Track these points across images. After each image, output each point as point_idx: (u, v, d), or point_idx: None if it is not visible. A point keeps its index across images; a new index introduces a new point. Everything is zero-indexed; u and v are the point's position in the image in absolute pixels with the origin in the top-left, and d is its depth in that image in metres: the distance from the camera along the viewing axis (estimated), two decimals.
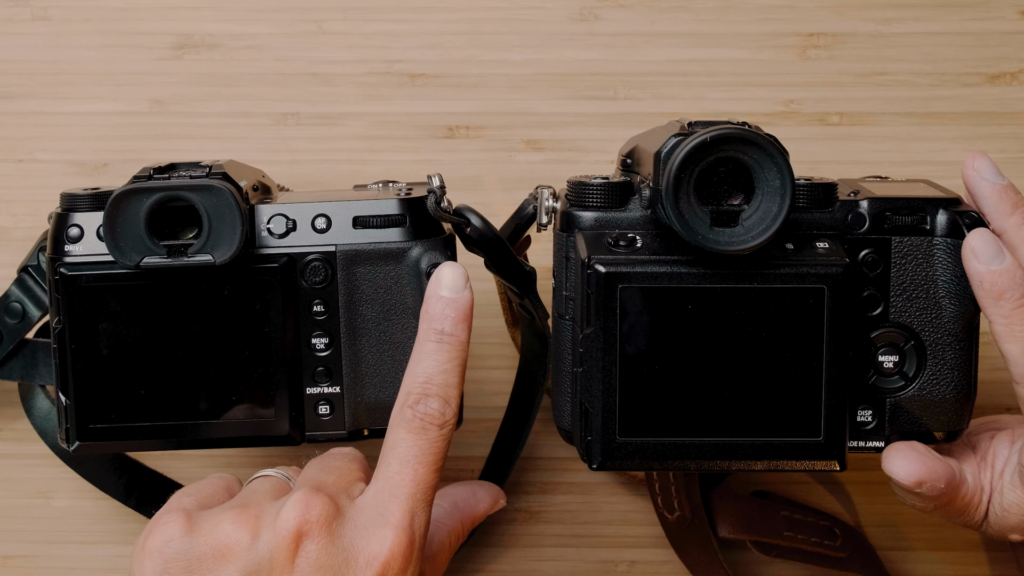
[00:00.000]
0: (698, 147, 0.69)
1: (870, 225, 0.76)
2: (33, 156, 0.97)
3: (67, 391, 0.77)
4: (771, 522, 0.95)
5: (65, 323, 0.76)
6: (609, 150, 0.94)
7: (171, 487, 0.97)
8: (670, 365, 0.72)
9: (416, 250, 0.78)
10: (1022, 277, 0.74)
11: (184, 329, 0.77)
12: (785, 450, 0.73)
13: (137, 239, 0.74)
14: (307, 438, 0.79)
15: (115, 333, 0.76)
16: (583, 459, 0.74)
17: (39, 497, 1.00)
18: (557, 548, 1.00)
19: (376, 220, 0.78)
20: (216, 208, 0.74)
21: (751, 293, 0.72)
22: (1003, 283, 0.73)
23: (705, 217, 0.70)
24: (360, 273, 0.78)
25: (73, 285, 0.76)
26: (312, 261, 0.77)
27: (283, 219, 0.77)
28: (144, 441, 0.78)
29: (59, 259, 0.77)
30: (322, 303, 0.78)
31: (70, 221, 0.77)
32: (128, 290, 0.76)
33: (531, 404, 0.92)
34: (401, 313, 0.79)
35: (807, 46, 0.95)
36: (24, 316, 0.88)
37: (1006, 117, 0.95)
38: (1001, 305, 0.73)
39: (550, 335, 0.82)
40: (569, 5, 0.95)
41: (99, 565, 1.00)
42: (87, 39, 0.96)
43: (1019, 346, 0.74)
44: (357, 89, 0.96)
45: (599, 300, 0.71)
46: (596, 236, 0.74)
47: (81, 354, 0.76)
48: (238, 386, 0.77)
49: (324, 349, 0.78)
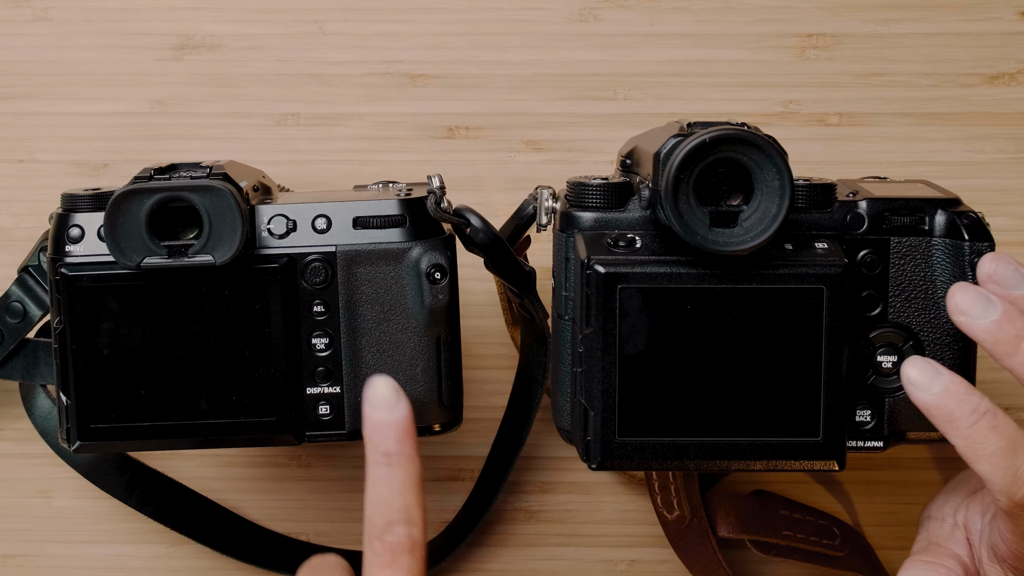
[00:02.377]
0: (697, 148, 0.69)
1: (869, 225, 0.76)
2: (34, 156, 0.97)
3: (68, 391, 0.77)
4: (770, 521, 0.95)
5: (66, 323, 0.76)
6: (609, 150, 0.94)
7: (172, 486, 0.97)
8: (669, 365, 0.72)
9: (416, 250, 0.78)
10: (966, 391, 0.70)
11: (184, 329, 0.77)
12: (784, 450, 0.73)
13: (138, 239, 0.74)
14: (307, 438, 0.79)
15: (116, 333, 0.76)
16: (583, 459, 0.74)
17: (40, 496, 1.00)
18: (556, 547, 1.00)
19: (376, 220, 0.78)
20: (216, 209, 0.74)
21: (750, 293, 0.72)
22: (949, 404, 0.70)
23: (704, 218, 0.70)
24: (360, 273, 0.78)
25: (74, 285, 0.76)
26: (312, 261, 0.78)
27: (283, 219, 0.78)
28: (145, 441, 0.78)
29: (60, 259, 0.77)
30: (322, 303, 0.78)
31: (71, 222, 0.77)
32: (129, 290, 0.76)
33: (530, 404, 0.92)
34: (401, 313, 0.79)
35: (806, 47, 0.95)
36: (25, 316, 0.88)
37: (1004, 118, 0.95)
38: (956, 427, 0.70)
39: (549, 335, 0.82)
40: (569, 6, 0.95)
41: (100, 564, 1.00)
42: (88, 40, 0.96)
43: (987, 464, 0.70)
44: (357, 90, 0.96)
45: (598, 300, 0.71)
46: (595, 236, 0.74)
47: (82, 354, 0.77)
48: (238, 386, 0.77)
49: (324, 349, 0.79)
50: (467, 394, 0.84)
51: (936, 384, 0.70)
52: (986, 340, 0.71)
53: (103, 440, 0.78)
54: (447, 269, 0.78)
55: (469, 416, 0.85)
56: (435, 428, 0.81)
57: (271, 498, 1.00)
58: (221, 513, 0.99)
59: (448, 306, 0.79)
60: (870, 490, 0.99)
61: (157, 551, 1.00)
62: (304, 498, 1.00)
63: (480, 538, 0.99)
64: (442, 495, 0.99)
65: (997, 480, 0.70)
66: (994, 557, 0.76)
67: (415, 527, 0.69)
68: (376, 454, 0.71)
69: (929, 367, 0.71)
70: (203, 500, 0.98)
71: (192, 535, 0.97)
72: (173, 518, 0.96)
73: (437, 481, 0.99)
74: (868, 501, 0.99)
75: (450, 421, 0.82)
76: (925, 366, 0.71)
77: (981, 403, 0.70)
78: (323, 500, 1.00)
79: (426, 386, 0.80)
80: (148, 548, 1.00)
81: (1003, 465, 0.69)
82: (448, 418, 0.81)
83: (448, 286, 0.78)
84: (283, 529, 0.99)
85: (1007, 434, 0.69)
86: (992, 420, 0.69)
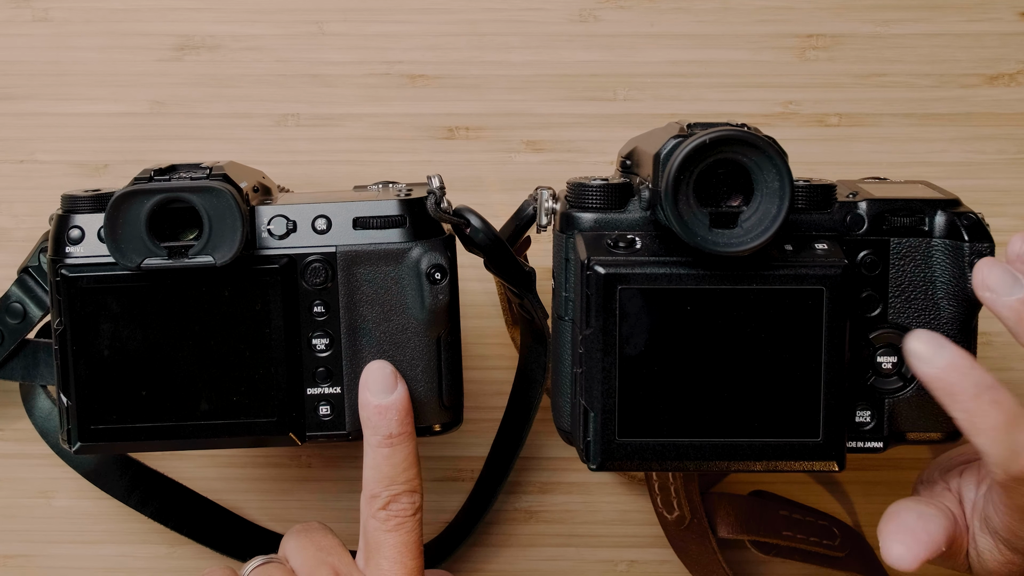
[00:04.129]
0: (697, 149, 0.69)
1: (869, 226, 0.76)
2: (34, 157, 0.97)
3: (68, 392, 0.77)
4: (770, 522, 0.95)
5: (66, 324, 0.76)
6: (608, 151, 0.95)
7: (172, 487, 0.97)
8: (669, 366, 0.72)
9: (416, 251, 0.78)
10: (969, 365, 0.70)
11: (185, 330, 0.77)
12: (784, 450, 0.73)
13: (138, 240, 0.74)
14: (308, 438, 0.79)
15: (116, 334, 0.76)
16: (583, 460, 0.74)
17: (40, 497, 1.00)
18: (556, 548, 1.00)
19: (376, 221, 0.78)
20: (217, 210, 0.74)
21: (750, 294, 0.72)
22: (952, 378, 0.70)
23: (704, 218, 0.70)
24: (360, 274, 0.78)
25: (74, 286, 0.76)
26: (312, 262, 0.78)
27: (283, 220, 0.78)
28: (145, 442, 0.78)
29: (60, 261, 0.77)
30: (322, 304, 0.78)
31: (71, 223, 0.77)
32: (129, 291, 0.76)
33: (530, 404, 0.92)
34: (401, 314, 0.79)
35: (806, 47, 0.95)
36: (25, 316, 0.88)
37: (1005, 118, 0.95)
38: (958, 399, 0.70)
39: (549, 335, 0.82)
40: (569, 6, 0.95)
41: (100, 565, 1.00)
42: (88, 40, 0.96)
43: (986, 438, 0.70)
44: (357, 90, 0.96)
45: (598, 301, 0.71)
46: (595, 237, 0.74)
47: (82, 355, 0.77)
48: (239, 387, 0.78)
49: (325, 350, 0.79)
50: (467, 394, 0.84)
51: (940, 357, 0.70)
52: (1010, 318, 0.71)
53: (104, 441, 0.78)
54: (447, 269, 0.78)
55: (469, 416, 0.85)
56: (435, 428, 0.81)
57: (271, 498, 1.00)
58: (221, 513, 0.99)
59: (448, 306, 0.79)
60: (870, 491, 0.99)
61: (157, 551, 1.00)
62: (304, 498, 1.00)
63: (480, 538, 0.99)
64: (442, 495, 0.99)
65: (995, 453, 0.70)
66: (986, 528, 0.76)
67: (417, 493, 0.77)
68: (378, 438, 0.75)
69: (933, 340, 0.71)
70: (203, 500, 0.98)
71: (192, 535, 0.97)
72: (173, 518, 0.97)
73: (437, 481, 0.99)
74: (868, 502, 0.99)
75: (450, 421, 0.82)
76: (930, 339, 0.71)
77: (984, 377, 0.70)
78: (323, 500, 1.00)
79: (426, 386, 0.80)
80: (148, 548, 1.00)
81: (1002, 439, 0.70)
82: (448, 418, 0.81)
83: (448, 286, 0.78)
84: (283, 529, 0.99)
85: (1008, 409, 0.70)
86: (994, 395, 0.70)
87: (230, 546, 0.98)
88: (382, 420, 0.76)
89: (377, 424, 0.76)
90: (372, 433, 0.76)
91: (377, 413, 0.76)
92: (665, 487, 0.93)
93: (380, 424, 0.76)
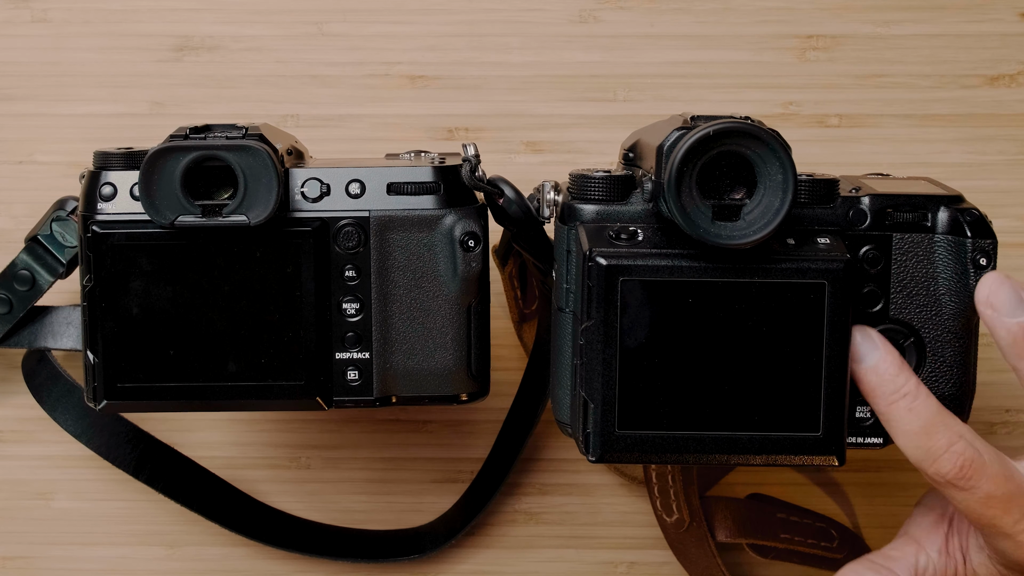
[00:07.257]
0: (701, 141, 0.69)
1: (871, 221, 0.76)
2: (33, 158, 0.97)
3: (96, 349, 0.77)
4: (768, 525, 0.95)
5: (96, 281, 0.76)
6: (609, 152, 0.95)
7: (184, 463, 0.97)
8: (670, 358, 0.72)
9: (449, 218, 0.78)
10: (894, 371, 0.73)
11: (215, 290, 0.76)
12: (784, 444, 0.73)
13: (172, 197, 0.74)
14: (335, 403, 0.79)
15: (146, 292, 0.76)
16: (582, 451, 0.74)
17: (39, 498, 1.00)
18: (556, 549, 1.00)
19: (410, 187, 0.78)
20: (253, 169, 0.74)
21: (752, 287, 0.72)
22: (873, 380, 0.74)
23: (707, 211, 0.70)
24: (393, 239, 0.78)
25: (105, 243, 0.75)
26: (345, 226, 0.77)
27: (317, 183, 0.77)
28: (171, 402, 0.77)
29: (91, 216, 0.76)
30: (354, 268, 0.78)
31: (103, 179, 0.77)
32: (160, 249, 0.76)
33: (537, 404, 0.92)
34: (433, 280, 0.78)
35: (806, 48, 0.95)
36: (34, 284, 0.88)
37: (1005, 119, 0.96)
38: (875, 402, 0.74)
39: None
40: (569, 7, 0.96)
41: (99, 566, 1.00)
42: (87, 41, 0.96)
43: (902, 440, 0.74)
44: (357, 91, 0.97)
45: (600, 293, 0.71)
46: (597, 229, 0.74)
47: (111, 312, 0.76)
48: (267, 349, 0.77)
49: (355, 315, 0.78)
50: None
51: (868, 358, 0.73)
52: (1005, 339, 0.73)
53: (129, 400, 0.77)
54: (481, 237, 0.78)
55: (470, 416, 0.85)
56: (463, 398, 0.81)
57: (271, 499, 0.99)
58: (231, 492, 0.98)
59: (480, 275, 0.79)
60: (869, 492, 0.99)
61: (156, 553, 1.00)
62: (304, 499, 0.99)
63: (480, 539, 0.99)
64: (442, 496, 0.99)
65: (911, 456, 0.73)
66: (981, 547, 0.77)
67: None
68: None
69: (868, 340, 0.74)
70: (214, 478, 0.98)
71: (202, 512, 0.96)
72: (183, 495, 0.96)
73: (437, 482, 0.99)
74: (867, 503, 0.99)
75: (477, 391, 0.81)
76: (864, 338, 0.74)
77: (906, 384, 0.73)
78: (323, 501, 0.99)
79: (456, 354, 0.79)
80: (147, 550, 1.00)
81: (915, 444, 0.73)
82: (475, 388, 0.81)
83: (481, 254, 0.78)
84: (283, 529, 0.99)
85: (923, 416, 0.72)
86: (910, 403, 0.73)
87: (238, 524, 0.97)
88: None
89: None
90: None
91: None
92: (664, 490, 0.93)
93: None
